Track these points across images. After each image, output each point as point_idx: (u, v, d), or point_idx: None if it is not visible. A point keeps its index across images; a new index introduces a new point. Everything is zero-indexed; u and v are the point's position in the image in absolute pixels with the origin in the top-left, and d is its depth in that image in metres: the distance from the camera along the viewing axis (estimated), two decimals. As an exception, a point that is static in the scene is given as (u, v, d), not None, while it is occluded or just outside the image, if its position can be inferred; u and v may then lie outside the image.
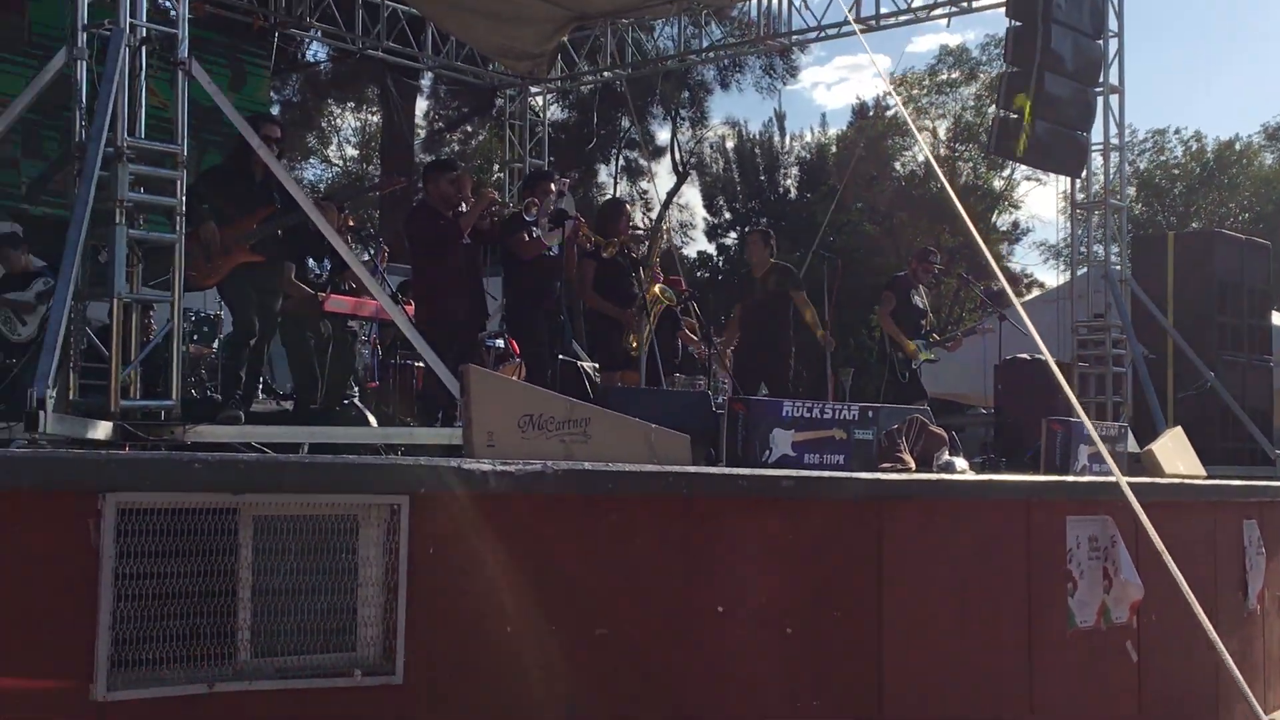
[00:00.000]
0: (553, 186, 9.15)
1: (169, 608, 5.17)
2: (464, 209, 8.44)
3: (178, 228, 6.70)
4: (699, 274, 41.37)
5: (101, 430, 6.25)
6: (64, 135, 6.99)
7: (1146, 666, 8.72)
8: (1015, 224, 41.18)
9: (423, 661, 5.67)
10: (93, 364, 7.12)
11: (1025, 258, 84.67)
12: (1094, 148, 13.21)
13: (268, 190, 7.46)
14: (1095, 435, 7.07)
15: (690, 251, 43.21)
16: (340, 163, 40.63)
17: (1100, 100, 13.02)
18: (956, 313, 36.41)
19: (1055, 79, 12.21)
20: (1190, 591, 4.50)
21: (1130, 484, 8.59)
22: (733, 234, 42.17)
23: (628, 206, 10.27)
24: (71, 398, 6.52)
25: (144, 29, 6.70)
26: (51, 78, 6.81)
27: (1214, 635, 4.39)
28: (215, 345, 10.25)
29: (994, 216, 39.17)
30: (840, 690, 6.99)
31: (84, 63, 6.69)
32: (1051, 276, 42.87)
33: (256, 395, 8.41)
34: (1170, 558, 7.04)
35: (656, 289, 10.09)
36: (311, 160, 39.87)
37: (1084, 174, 13.23)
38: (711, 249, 43.00)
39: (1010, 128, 12.27)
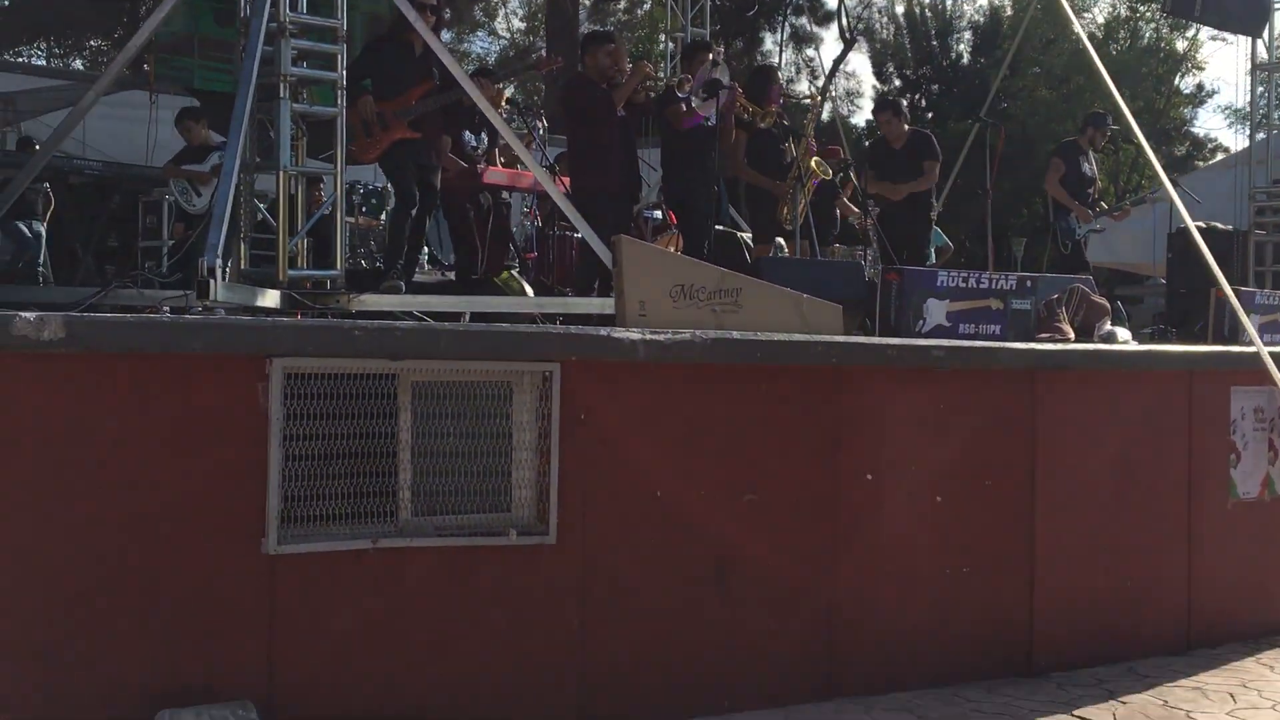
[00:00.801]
0: (709, 56, 9.09)
1: (334, 468, 5.43)
2: (620, 81, 8.44)
3: (339, 102, 6.87)
4: (866, 143, 40.72)
5: (270, 299, 6.50)
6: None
7: (1312, 540, 8.52)
8: (1200, 86, 39.44)
9: (575, 523, 5.86)
10: (263, 235, 7.37)
11: (1209, 121, 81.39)
12: (1277, 6, 12.59)
13: (426, 65, 7.56)
14: (1235, 302, 6.84)
15: (858, 120, 42.46)
16: (508, 34, 40.74)
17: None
18: (1134, 180, 35.17)
19: (1236, -66, 11.66)
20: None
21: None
22: (903, 101, 41.30)
23: (778, 74, 10.07)
24: (242, 267, 6.79)
25: (301, -94, 6.83)
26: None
27: None
28: (383, 217, 10.48)
29: (1177, 79, 37.58)
30: (991, 557, 7.01)
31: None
32: (1236, 141, 41.13)
33: (421, 266, 8.63)
34: None
35: (813, 162, 9.97)
36: (479, 33, 40.06)
37: (1266, 34, 12.62)
38: (882, 117, 42.13)
39: (1187, -14, 11.77)
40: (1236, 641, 7.89)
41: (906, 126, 10.82)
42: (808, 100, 11.82)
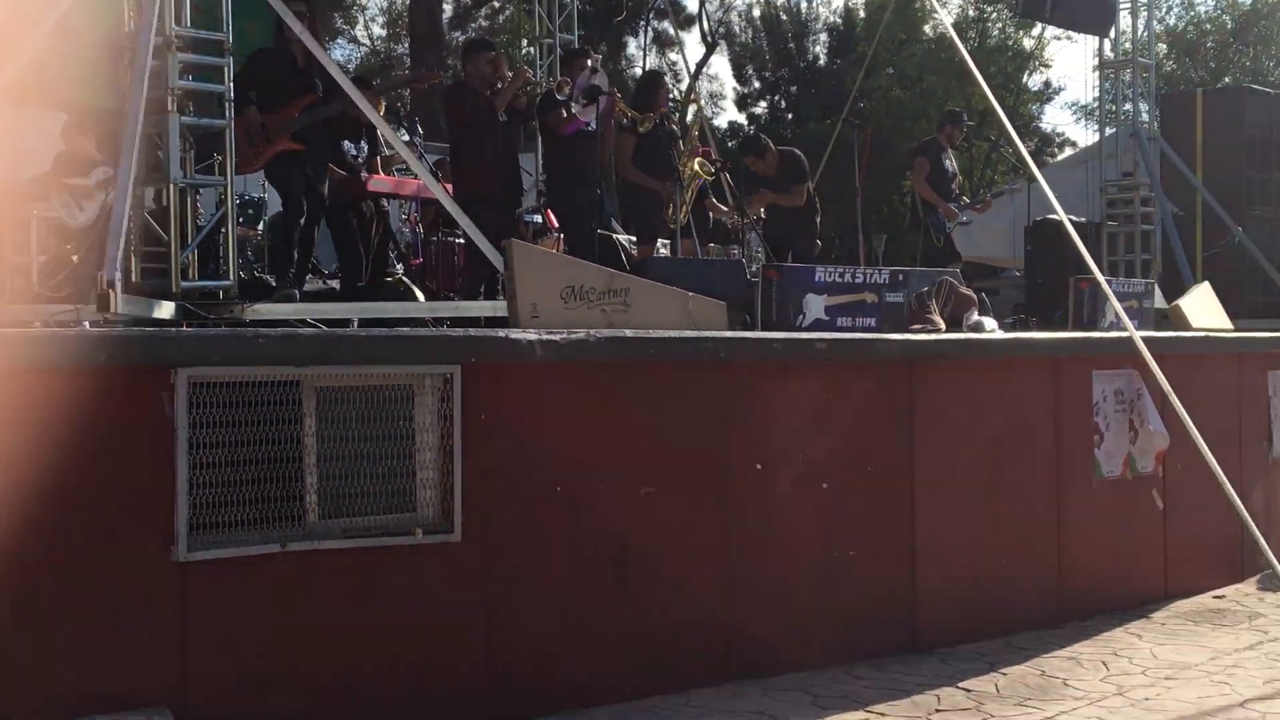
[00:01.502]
0: (587, 63, 9.27)
1: (241, 474, 5.50)
2: (500, 87, 8.59)
3: (227, 114, 6.92)
4: (730, 144, 41.25)
5: (165, 310, 6.52)
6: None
7: (1172, 514, 8.98)
8: (1047, 83, 40.68)
9: (479, 520, 6.00)
10: (150, 248, 7.36)
11: (1057, 117, 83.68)
12: (1122, 6, 13.16)
13: (309, 77, 7.64)
14: (1109, 290, 7.23)
15: (721, 122, 43.00)
16: (369, 42, 40.50)
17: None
18: (988, 175, 36.22)
19: (1082, -62, 12.18)
20: (1203, 440, 4.70)
21: (1152, 338, 8.84)
22: (763, 103, 41.93)
23: (665, 79, 10.33)
24: (135, 280, 6.79)
25: (184, -80, 6.85)
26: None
27: (1226, 484, 4.63)
28: (260, 227, 10.48)
29: (1025, 76, 38.70)
30: (875, 540, 7.30)
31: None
32: (1084, 136, 42.46)
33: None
34: (1183, 407, 7.25)
35: (695, 163, 10.22)
36: (339, 40, 39.78)
37: (1112, 33, 13.19)
38: (742, 118, 42.75)
39: (1038, -12, 12.27)
40: (1106, 613, 8.30)
41: (774, 155, 11.19)
42: (691, 105, 12.04)
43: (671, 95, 10.42)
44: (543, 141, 9.44)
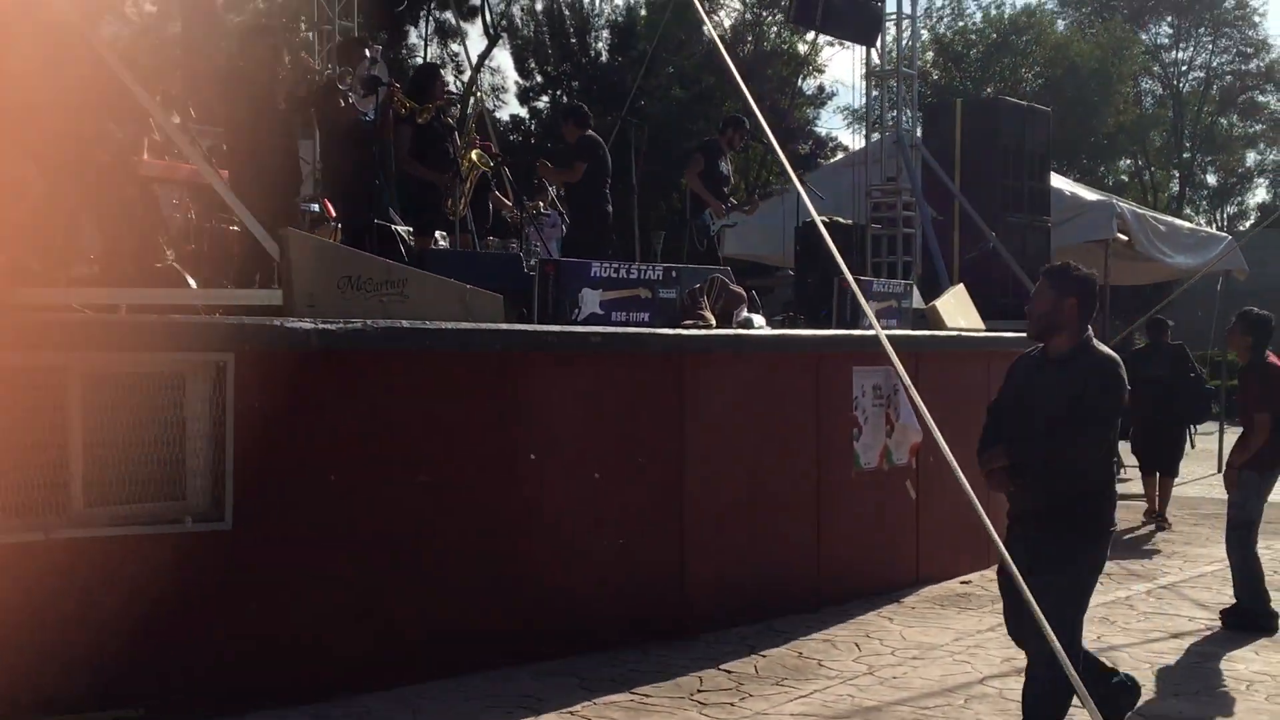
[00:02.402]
0: (366, 53, 9.26)
1: (4, 461, 5.39)
2: (279, 76, 8.53)
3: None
4: (512, 137, 41.29)
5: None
6: None
7: (925, 504, 9.46)
8: (821, 88, 41.91)
9: (251, 508, 6.00)
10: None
11: (830, 121, 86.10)
12: (888, 18, 13.73)
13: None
14: (856, 289, 7.60)
15: (503, 115, 43.00)
16: (138, 19, 39.26)
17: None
18: (763, 176, 37.08)
19: (851, -49, 12.68)
20: (939, 434, 5.08)
21: (907, 337, 9.30)
22: (545, 97, 42.09)
23: (442, 72, 10.37)
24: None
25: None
26: None
27: (961, 476, 4.99)
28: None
29: (800, 81, 39.77)
30: (644, 529, 7.52)
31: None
32: (855, 140, 43.79)
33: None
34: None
35: (474, 154, 10.29)
36: (107, 16, 38.47)
37: (879, 43, 13.75)
38: (524, 112, 42.85)
39: (809, -2, 12.73)
40: (862, 598, 8.70)
41: (581, 132, 11.42)
42: (455, 95, 12.07)
43: (449, 87, 10.43)
44: (320, 131, 9.38)
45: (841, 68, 73.69)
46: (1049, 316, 5.38)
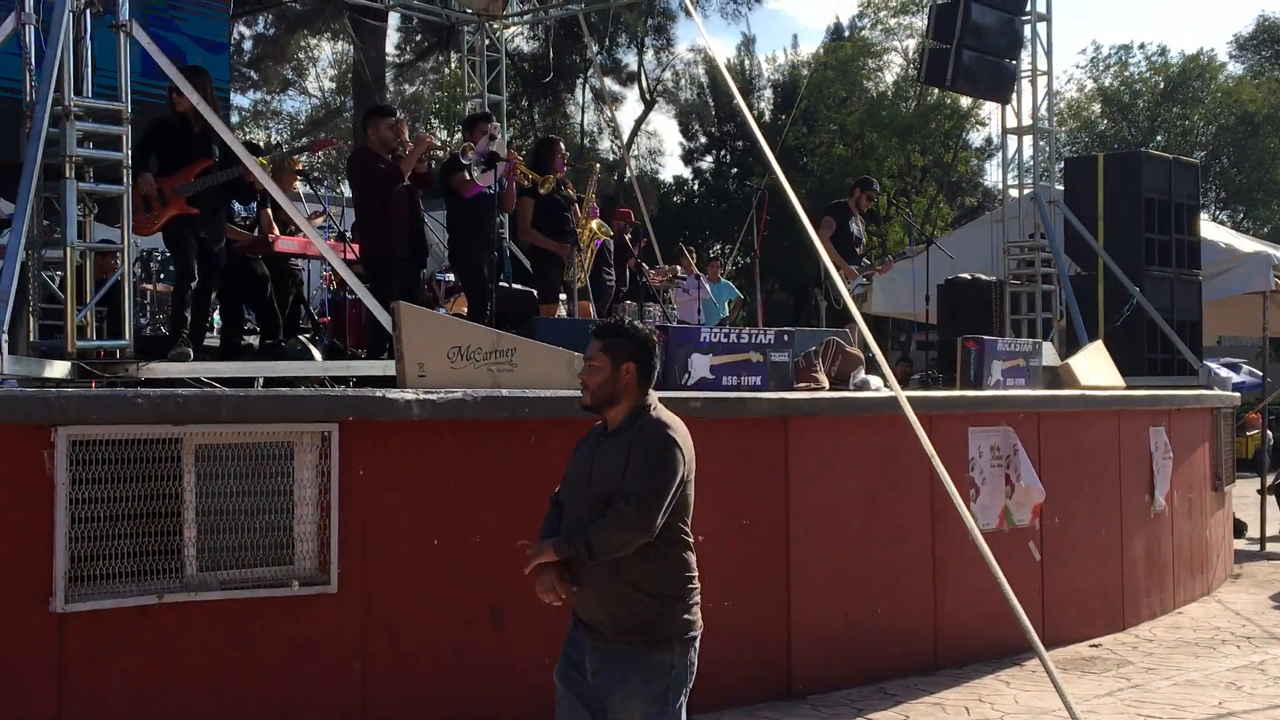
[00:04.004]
0: (488, 128, 9.58)
1: (120, 528, 5.74)
2: (404, 152, 8.87)
3: (125, 180, 7.17)
4: (675, 199, 41.77)
5: (59, 369, 6.76)
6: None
7: (1050, 565, 9.30)
8: (988, 140, 41.37)
9: (356, 572, 6.25)
10: (54, 305, 7.59)
11: (997, 174, 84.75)
12: (1024, 74, 13.63)
13: (206, 143, 7.90)
14: (876, 351, 7.54)
15: (665, 176, 43.59)
16: (318, 94, 40.89)
17: (1028, 28, 13.47)
18: (927, 230, 36.70)
19: (982, 9, 12.64)
20: (966, 507, 5.08)
21: (1028, 396, 9.21)
22: (709, 158, 42.53)
23: (560, 144, 10.66)
24: (31, 339, 7.02)
25: (86, -7, 7.15)
26: (2, 40, 7.24)
27: (986, 551, 4.99)
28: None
29: (965, 131, 39.41)
30: (749, 590, 7.57)
31: (32, 27, 7.13)
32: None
33: (209, 333, 8.89)
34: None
35: (594, 224, 10.56)
36: (290, 92, 40.15)
37: (1014, 100, 13.65)
38: (687, 173, 43.31)
39: (939, 57, 12.71)
40: (981, 661, 8.60)
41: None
42: (586, 167, 12.41)
43: (566, 158, 10.73)
44: (446, 203, 9.73)
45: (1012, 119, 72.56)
46: (607, 388, 4.51)
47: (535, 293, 10.53)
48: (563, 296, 10.33)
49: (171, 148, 7.95)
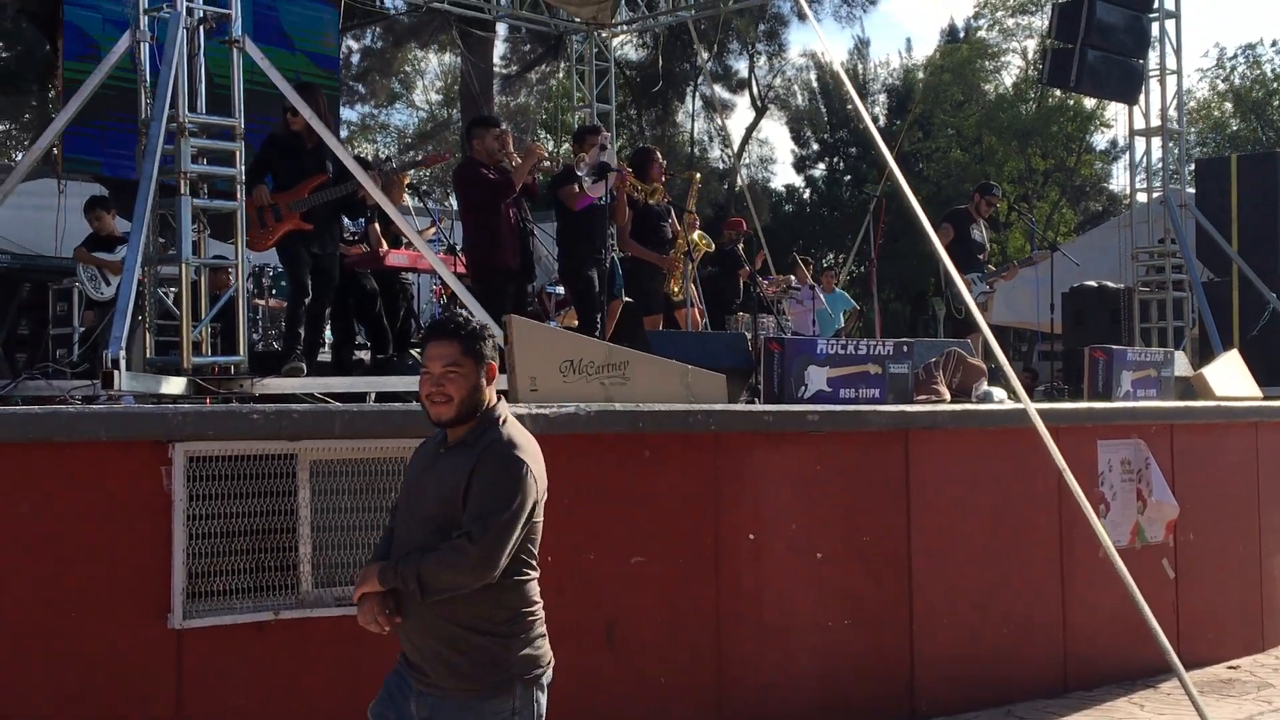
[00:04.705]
0: (599, 140, 9.63)
1: (237, 544, 5.86)
2: (512, 164, 8.95)
3: (238, 196, 7.35)
4: (786, 207, 41.69)
5: (174, 385, 6.93)
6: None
7: (1185, 583, 9.11)
8: (1113, 143, 40.60)
9: (469, 589, 6.29)
10: (169, 322, 7.79)
11: (1124, 178, 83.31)
12: (1152, 74, 13.39)
13: (320, 158, 8.06)
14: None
15: (777, 185, 43.52)
16: (426, 106, 41.49)
17: (1156, 26, 13.23)
18: (1050, 236, 36.19)
19: (1107, 7, 12.45)
20: (1099, 523, 4.96)
21: (1158, 407, 9.03)
22: (821, 165, 42.39)
23: (658, 154, 10.72)
24: (148, 355, 7.22)
25: (200, 10, 7.33)
26: (118, 58, 7.46)
27: (1123, 569, 4.86)
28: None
29: (1087, 136, 38.80)
30: (871, 609, 7.52)
31: (146, 45, 7.33)
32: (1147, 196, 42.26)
33: (321, 348, 9.06)
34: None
35: (695, 235, 10.59)
36: (397, 105, 40.81)
37: (1141, 101, 13.42)
38: (799, 181, 43.22)
39: (1062, 58, 12.55)
40: (1113, 683, 8.45)
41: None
42: (686, 177, 12.45)
43: (664, 167, 10.78)
44: (557, 215, 9.81)
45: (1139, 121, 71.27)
46: (474, 397, 3.99)
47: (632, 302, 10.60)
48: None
49: (286, 164, 8.13)
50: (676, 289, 10.09)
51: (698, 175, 11.87)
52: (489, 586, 3.88)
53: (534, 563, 4.08)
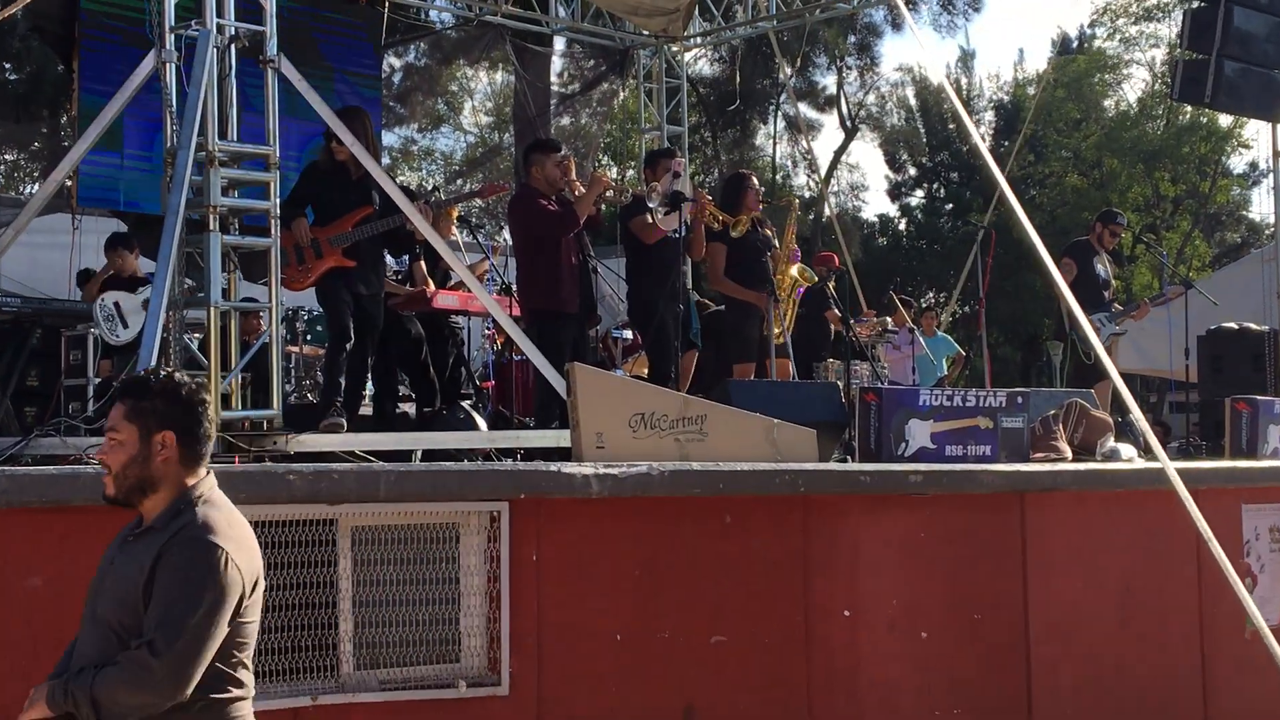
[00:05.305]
0: (673, 164, 9.66)
1: (272, 620, 5.90)
2: (575, 194, 9.02)
3: (273, 232, 7.45)
4: (880, 240, 41.63)
5: (203, 443, 7.02)
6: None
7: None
8: (1253, 165, 40.16)
9: (529, 671, 6.33)
10: (195, 371, 7.88)
11: (1265, 204, 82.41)
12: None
13: (364, 189, 8.17)
14: (1134, 402, 7.35)
15: (869, 214, 43.47)
16: (475, 129, 41.86)
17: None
18: (1182, 271, 35.95)
19: (1246, 13, 12.38)
20: (1248, 598, 4.84)
21: None
22: (919, 192, 42.30)
23: (753, 179, 10.66)
24: (173, 409, 7.30)
25: (232, 28, 7.46)
26: (142, 81, 7.60)
27: (1273, 644, 4.77)
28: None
29: (1224, 158, 38.48)
30: (984, 696, 7.46)
31: (173, 65, 7.47)
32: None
33: (363, 400, 9.14)
34: (1220, 550, 7.27)
35: (794, 269, 10.51)
36: (444, 128, 41.21)
37: (1287, 117, 13.35)
38: (894, 210, 43.13)
39: (1195, 70, 12.49)
40: (1265, 785, 8.31)
41: None
42: (784, 204, 12.39)
43: (761, 194, 10.72)
44: (626, 250, 9.85)
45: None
46: (135, 470, 3.68)
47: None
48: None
49: (328, 196, 8.24)
50: (779, 332, 10.02)
51: (796, 202, 11.85)
52: (182, 707, 3.53)
53: (243, 676, 3.72)
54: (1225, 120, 36.03)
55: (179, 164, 7.10)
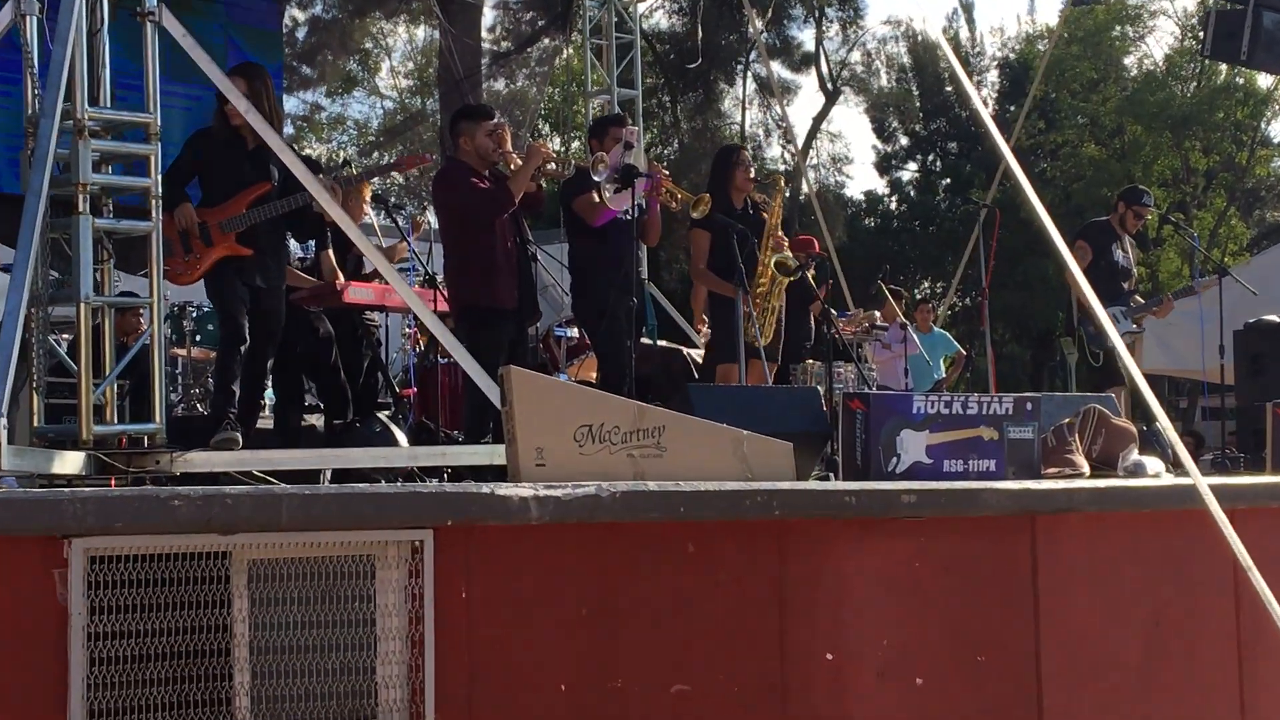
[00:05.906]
0: (623, 133, 9.61)
1: (153, 672, 5.85)
2: (510, 168, 8.97)
3: (154, 215, 7.38)
4: (867, 221, 41.76)
5: (71, 463, 6.94)
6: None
7: None
8: (1295, 132, 40.66)
9: (459, 728, 6.29)
10: (63, 379, 7.82)
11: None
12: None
13: (262, 162, 8.10)
14: (1160, 409, 7.38)
15: (854, 192, 43.60)
16: (393, 94, 41.78)
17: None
18: (1216, 256, 36.26)
19: (1286, -45, 12.49)
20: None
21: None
22: (911, 165, 42.47)
23: (745, 153, 10.58)
24: (36, 424, 7.24)
25: (103, -27, 7.41)
26: (-1, 35, 7.54)
27: None
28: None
29: (1264, 124, 38.85)
30: (989, 753, 7.47)
31: (34, 18, 7.39)
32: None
33: (262, 411, 9.08)
34: (1262, 581, 7.33)
35: (773, 261, 10.41)
36: (357, 92, 41.10)
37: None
38: (883, 186, 43.26)
39: (1230, 22, 12.57)
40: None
41: None
42: (768, 182, 12.29)
43: (752, 170, 10.67)
44: (568, 234, 9.83)
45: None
46: None
47: (685, 350, 10.58)
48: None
49: (219, 170, 8.16)
50: (764, 331, 10.00)
51: (783, 179, 11.81)
52: None
53: None
54: (1265, 80, 36.39)
55: (42, 134, 7.01)
